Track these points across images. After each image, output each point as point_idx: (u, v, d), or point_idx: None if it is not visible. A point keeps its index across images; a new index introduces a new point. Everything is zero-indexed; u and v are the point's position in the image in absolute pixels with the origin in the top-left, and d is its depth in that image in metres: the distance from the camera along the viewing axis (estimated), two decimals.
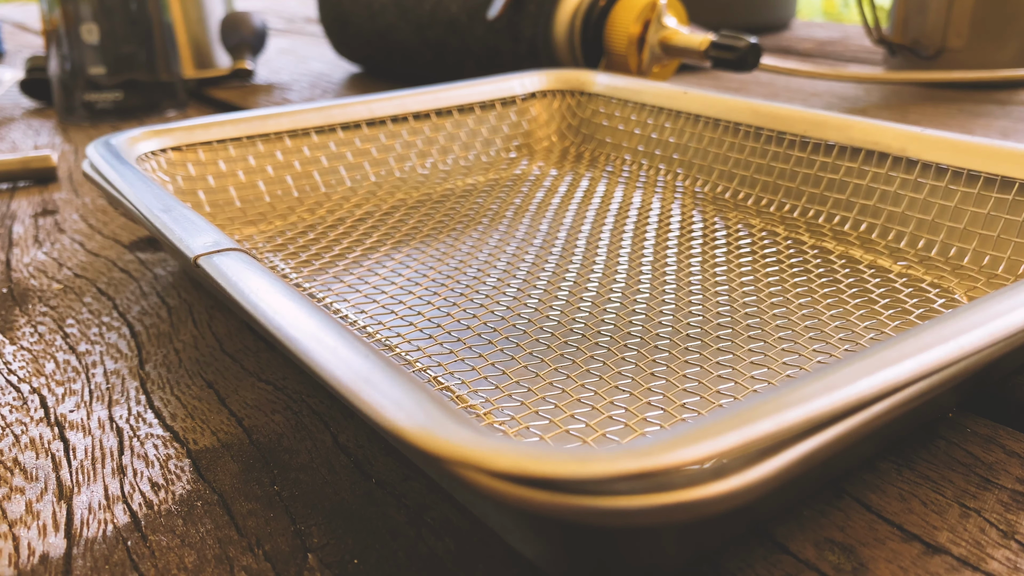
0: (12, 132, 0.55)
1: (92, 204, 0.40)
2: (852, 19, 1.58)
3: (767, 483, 0.13)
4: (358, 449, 0.20)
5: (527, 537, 0.15)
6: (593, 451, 0.12)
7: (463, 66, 0.58)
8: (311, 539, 0.17)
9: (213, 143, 0.35)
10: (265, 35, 0.69)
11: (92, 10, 0.54)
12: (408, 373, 0.15)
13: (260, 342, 0.26)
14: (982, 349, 0.16)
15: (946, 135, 0.29)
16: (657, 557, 0.15)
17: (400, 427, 0.13)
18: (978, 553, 0.16)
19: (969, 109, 0.53)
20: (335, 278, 0.29)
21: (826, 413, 0.13)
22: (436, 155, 0.41)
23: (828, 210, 0.32)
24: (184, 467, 0.20)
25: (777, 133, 0.34)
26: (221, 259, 0.21)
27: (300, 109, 0.38)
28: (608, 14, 0.50)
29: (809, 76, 0.59)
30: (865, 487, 0.18)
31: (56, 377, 0.24)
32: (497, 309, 0.26)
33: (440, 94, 0.41)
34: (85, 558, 0.17)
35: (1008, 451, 0.19)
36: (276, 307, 0.18)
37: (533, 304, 0.26)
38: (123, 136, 0.33)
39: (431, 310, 0.26)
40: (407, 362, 0.23)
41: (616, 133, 0.41)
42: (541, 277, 0.29)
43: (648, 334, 0.24)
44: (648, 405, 0.21)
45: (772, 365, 0.22)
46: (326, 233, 0.33)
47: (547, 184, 0.39)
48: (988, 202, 0.28)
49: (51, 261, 0.33)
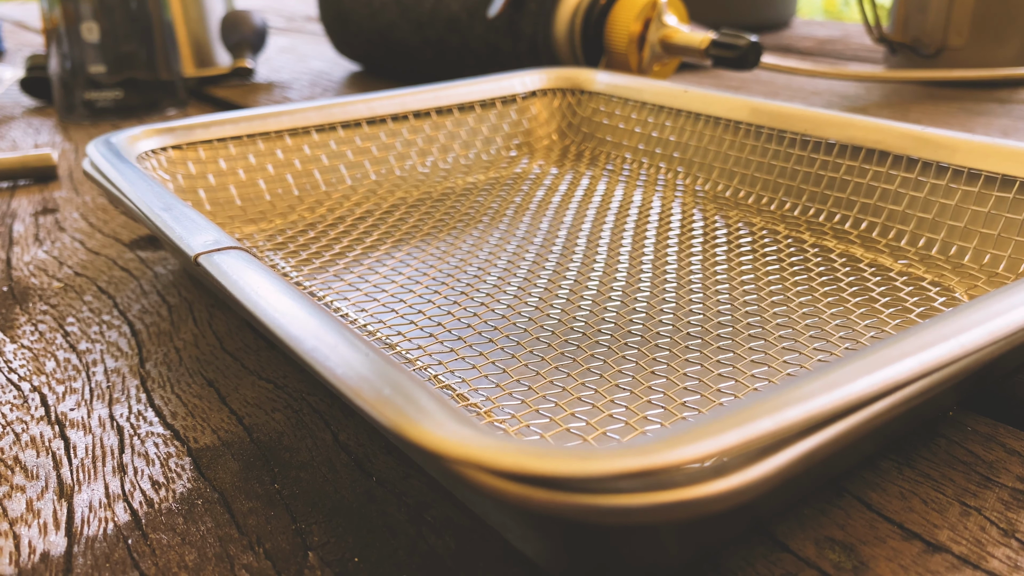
0: (12, 131, 0.55)
1: (92, 203, 0.40)
2: (853, 17, 1.57)
3: (768, 481, 0.13)
4: (358, 447, 0.20)
5: (527, 535, 0.15)
6: (594, 449, 0.12)
7: (463, 64, 0.58)
8: (311, 537, 0.17)
9: (213, 142, 0.35)
10: (265, 33, 0.69)
11: (92, 8, 0.53)
12: (409, 371, 0.15)
13: (260, 340, 0.26)
14: (982, 348, 0.16)
15: (947, 133, 0.29)
16: (658, 555, 0.15)
17: (401, 425, 0.13)
18: (979, 551, 0.16)
19: (970, 108, 0.53)
20: (336, 276, 0.29)
21: (826, 411, 0.13)
22: (436, 153, 0.41)
23: (829, 208, 0.32)
24: (184, 465, 0.20)
25: (777, 132, 0.34)
26: (222, 257, 0.21)
27: (300, 108, 0.38)
28: (608, 12, 0.50)
29: (810, 75, 0.59)
30: (865, 485, 0.18)
31: (56, 375, 0.24)
32: (498, 307, 0.26)
33: (440, 92, 0.41)
34: (86, 556, 0.17)
35: (1009, 449, 0.19)
36: (277, 305, 0.18)
37: (534, 303, 0.26)
38: (123, 135, 0.33)
39: (432, 308, 0.26)
40: (408, 360, 0.23)
41: (616, 132, 0.41)
42: (542, 275, 0.29)
43: (648, 332, 0.24)
44: (649, 403, 0.21)
45: (772, 363, 0.22)
46: (326, 232, 0.33)
47: (547, 183, 0.39)
48: (989, 200, 0.28)
49: (51, 259, 0.33)
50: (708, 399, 0.21)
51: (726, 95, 0.37)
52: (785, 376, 0.22)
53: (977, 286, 0.26)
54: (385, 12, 0.62)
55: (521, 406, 0.21)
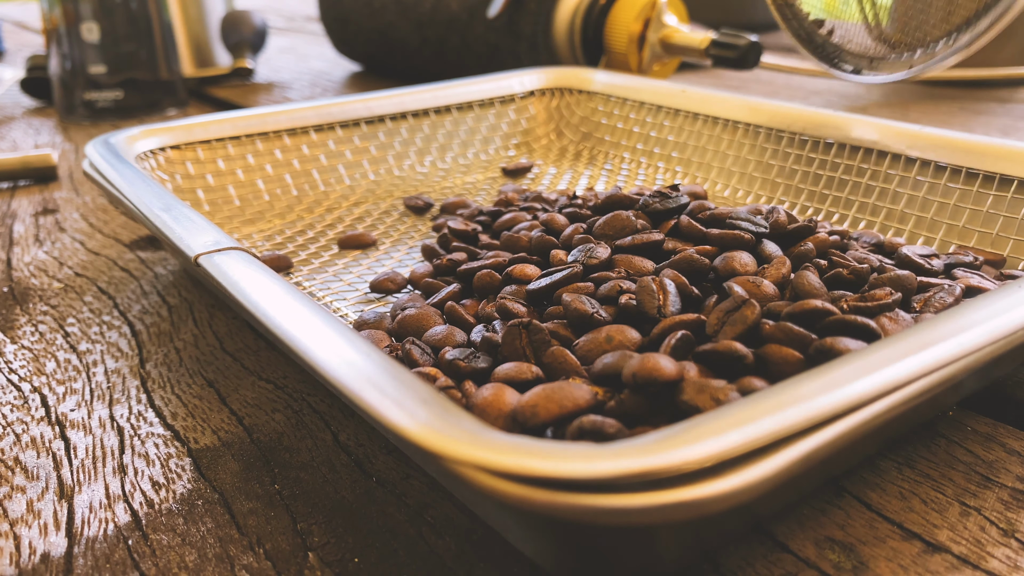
0: (12, 131, 0.55)
1: (92, 203, 0.40)
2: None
3: (767, 482, 0.13)
4: (358, 448, 0.20)
5: (527, 535, 0.15)
6: (594, 450, 0.12)
7: (463, 64, 0.58)
8: (311, 538, 0.17)
9: (212, 141, 0.35)
10: (265, 33, 0.69)
11: (92, 9, 0.53)
12: (408, 371, 0.15)
13: (260, 341, 0.26)
14: (982, 347, 0.16)
15: (945, 133, 0.29)
16: (657, 555, 0.15)
17: (401, 425, 0.13)
18: (978, 551, 0.16)
19: (970, 107, 0.53)
20: (335, 276, 0.29)
21: (826, 412, 0.13)
22: (435, 153, 0.41)
23: (827, 208, 0.32)
24: (185, 466, 0.20)
25: (776, 131, 0.34)
26: (222, 258, 0.21)
27: (299, 107, 0.38)
28: (608, 12, 0.50)
29: (809, 74, 0.59)
30: (865, 485, 0.18)
31: (57, 376, 0.24)
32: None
33: (439, 92, 0.41)
34: (86, 557, 0.17)
35: (1008, 449, 0.19)
36: (276, 306, 0.18)
37: None
38: (122, 135, 0.33)
39: None
40: None
41: (615, 131, 0.41)
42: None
43: None
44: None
45: None
46: (325, 232, 0.33)
47: (546, 182, 0.39)
48: (987, 200, 0.28)
49: (52, 260, 0.33)
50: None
51: (724, 95, 0.37)
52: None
53: None
54: (385, 12, 0.62)
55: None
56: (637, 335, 0.19)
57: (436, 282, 0.25)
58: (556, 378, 0.18)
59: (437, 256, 0.28)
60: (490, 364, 0.20)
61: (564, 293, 0.21)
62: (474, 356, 0.20)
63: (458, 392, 0.19)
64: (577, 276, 0.22)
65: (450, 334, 0.22)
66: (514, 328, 0.19)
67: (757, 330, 0.18)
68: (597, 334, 0.19)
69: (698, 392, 0.16)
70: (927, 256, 0.24)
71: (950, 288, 0.21)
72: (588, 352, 0.19)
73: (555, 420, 0.16)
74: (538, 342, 0.19)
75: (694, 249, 0.22)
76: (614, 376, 0.17)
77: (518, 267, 0.23)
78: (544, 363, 0.19)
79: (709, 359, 0.17)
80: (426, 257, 0.29)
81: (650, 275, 0.21)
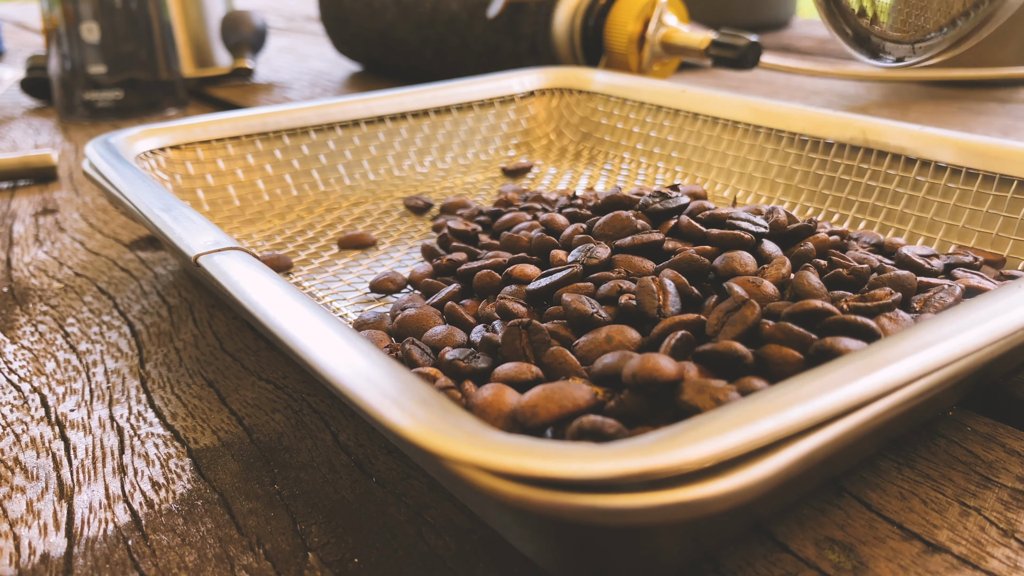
0: (12, 131, 0.55)
1: (92, 203, 0.40)
2: None
3: (768, 482, 0.13)
4: (358, 448, 0.20)
5: (527, 535, 0.15)
6: (594, 450, 0.12)
7: (463, 64, 0.58)
8: (311, 538, 0.17)
9: (212, 141, 0.35)
10: (265, 33, 0.69)
11: (92, 9, 0.53)
12: (408, 371, 0.15)
13: (260, 341, 0.26)
14: (982, 347, 0.16)
15: (945, 133, 0.29)
16: (657, 556, 0.15)
17: (401, 425, 0.13)
18: (978, 551, 0.16)
19: (970, 107, 0.53)
20: (335, 276, 0.29)
21: (826, 412, 0.13)
22: (435, 153, 0.41)
23: (827, 208, 0.32)
24: (184, 466, 0.20)
25: (776, 131, 0.34)
26: (222, 258, 0.21)
27: (298, 107, 0.38)
28: (608, 12, 0.50)
29: (809, 74, 0.59)
30: (865, 485, 0.18)
31: (57, 376, 0.24)
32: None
33: (439, 92, 0.41)
34: (86, 557, 0.17)
35: (1008, 449, 0.19)
36: (276, 306, 0.18)
37: None
38: (122, 135, 0.33)
39: None
40: None
41: (615, 131, 0.41)
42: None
43: None
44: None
45: None
46: (325, 232, 0.33)
47: (545, 182, 0.39)
48: (986, 200, 0.28)
49: (51, 260, 0.33)
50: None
51: (724, 95, 0.37)
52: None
53: None
54: (385, 12, 0.62)
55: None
56: (637, 335, 0.19)
57: (436, 282, 0.25)
58: (556, 378, 0.18)
59: (437, 256, 0.28)
60: (490, 364, 0.20)
61: (564, 293, 0.21)
62: (474, 356, 0.20)
63: (458, 392, 0.19)
64: (577, 276, 0.22)
65: (450, 334, 0.22)
66: (514, 328, 0.19)
67: (757, 330, 0.18)
68: (597, 334, 0.19)
69: (698, 392, 0.16)
70: (927, 256, 0.24)
71: (950, 288, 0.21)
72: (588, 352, 0.19)
73: (555, 420, 0.16)
74: (538, 342, 0.19)
75: (694, 249, 0.22)
76: (614, 376, 0.17)
77: (518, 267, 0.23)
78: (544, 363, 0.19)
79: (709, 359, 0.17)
80: (426, 257, 0.29)
81: (650, 275, 0.21)
